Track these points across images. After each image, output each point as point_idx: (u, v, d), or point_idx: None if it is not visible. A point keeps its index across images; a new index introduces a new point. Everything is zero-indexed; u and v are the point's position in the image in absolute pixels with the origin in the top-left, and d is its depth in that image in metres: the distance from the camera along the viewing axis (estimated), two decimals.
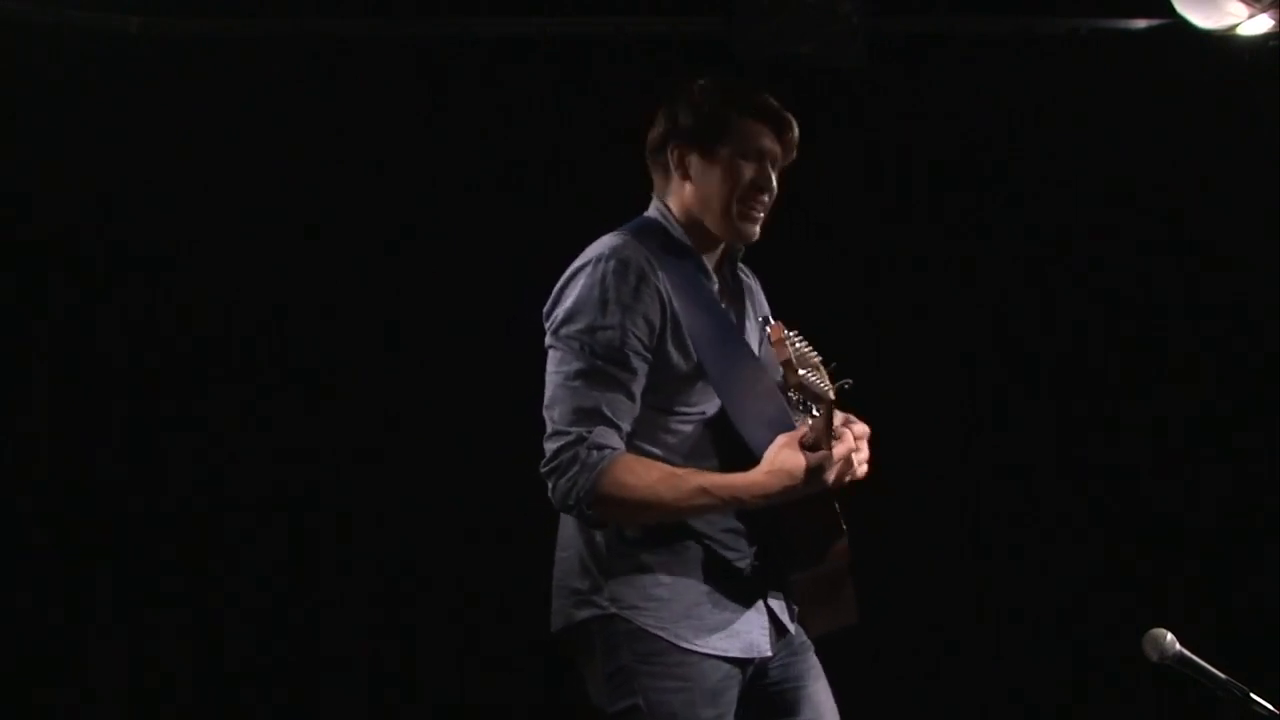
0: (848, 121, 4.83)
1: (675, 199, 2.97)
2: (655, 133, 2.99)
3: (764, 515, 2.85)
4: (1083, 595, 4.80)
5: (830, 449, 2.78)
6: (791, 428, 2.85)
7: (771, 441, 2.81)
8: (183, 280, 4.72)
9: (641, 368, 2.81)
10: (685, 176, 2.94)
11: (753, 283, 3.14)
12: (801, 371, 2.77)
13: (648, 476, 2.77)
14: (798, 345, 2.82)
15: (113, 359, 4.68)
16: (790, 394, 2.83)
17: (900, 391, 4.72)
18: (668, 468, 2.80)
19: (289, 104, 4.70)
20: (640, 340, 2.80)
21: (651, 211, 3.00)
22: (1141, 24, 4.82)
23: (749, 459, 2.81)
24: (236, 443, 4.72)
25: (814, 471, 2.77)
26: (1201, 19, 4.50)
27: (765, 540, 2.90)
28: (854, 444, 2.85)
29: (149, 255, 4.70)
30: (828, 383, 2.82)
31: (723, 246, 3.01)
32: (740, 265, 3.10)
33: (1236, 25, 4.53)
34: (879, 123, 4.87)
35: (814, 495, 2.80)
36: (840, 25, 4.68)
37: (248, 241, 4.71)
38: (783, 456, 2.77)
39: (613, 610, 2.83)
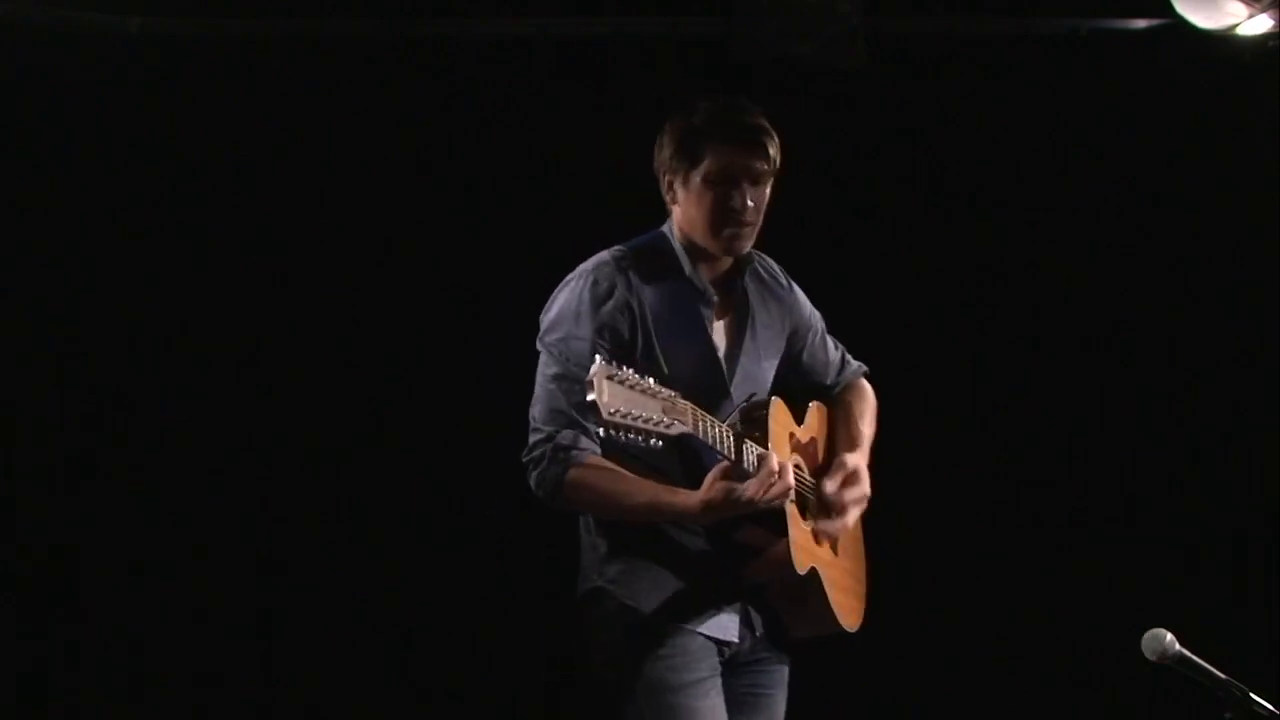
0: (847, 122, 4.83)
1: (674, 219, 3.18)
2: (654, 160, 3.18)
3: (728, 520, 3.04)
4: (1082, 595, 4.80)
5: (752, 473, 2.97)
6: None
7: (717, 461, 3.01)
8: (182, 277, 4.72)
9: None
10: (674, 201, 3.15)
11: (781, 291, 3.32)
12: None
13: (606, 484, 3.01)
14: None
15: (106, 350, 4.68)
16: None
17: (901, 391, 4.72)
18: (625, 478, 3.02)
19: (289, 104, 4.70)
20: (608, 352, 2.97)
21: (663, 227, 3.20)
22: (1141, 24, 4.83)
23: (699, 469, 3.01)
24: (235, 441, 4.73)
25: (732, 497, 2.93)
26: (1201, 19, 4.51)
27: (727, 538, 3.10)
28: (773, 470, 2.96)
29: (148, 253, 4.70)
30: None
31: (718, 255, 3.18)
32: (760, 268, 3.27)
33: (1236, 25, 4.54)
34: (879, 123, 4.87)
35: (759, 512, 2.98)
36: (840, 25, 4.68)
37: (247, 240, 4.71)
38: (707, 490, 2.96)
39: (602, 584, 3.09)
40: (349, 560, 4.71)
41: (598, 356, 2.72)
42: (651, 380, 2.76)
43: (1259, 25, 4.55)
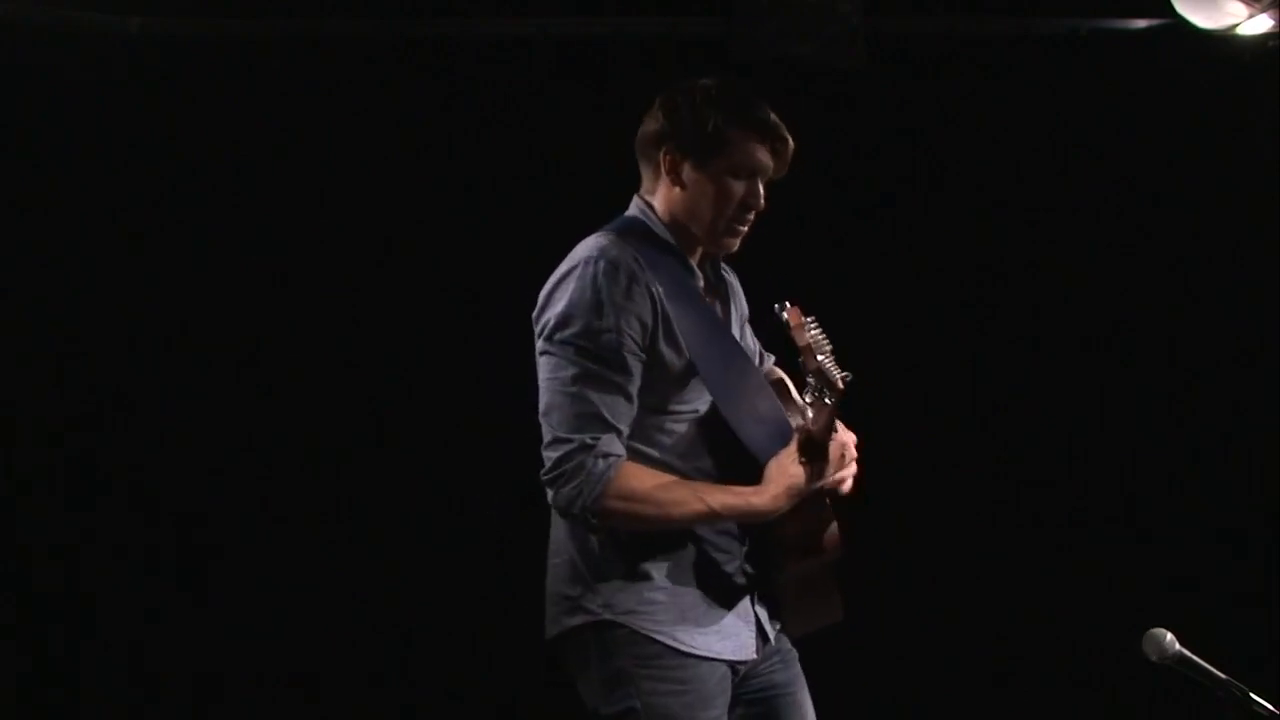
0: (847, 122, 4.83)
1: (661, 198, 2.97)
2: (649, 129, 2.98)
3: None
4: (1082, 595, 4.80)
5: (831, 440, 2.82)
6: (784, 422, 2.88)
7: (765, 436, 2.84)
8: (182, 277, 4.72)
9: (637, 368, 2.82)
10: (675, 182, 2.94)
11: (733, 280, 3.16)
12: (819, 357, 2.79)
13: (657, 491, 2.79)
14: (813, 332, 2.83)
15: (105, 350, 4.68)
16: (808, 379, 2.83)
17: (900, 392, 4.72)
18: (675, 482, 2.82)
19: (289, 104, 4.70)
20: (635, 341, 2.80)
21: (633, 210, 3.00)
22: (1141, 24, 4.83)
23: (744, 456, 2.84)
24: (235, 441, 4.72)
25: (813, 476, 2.81)
26: (1201, 19, 4.50)
27: (755, 541, 2.92)
28: (849, 436, 2.87)
29: (148, 253, 4.70)
30: (838, 371, 2.82)
31: (703, 247, 3.01)
32: (721, 264, 3.11)
33: (1236, 25, 4.54)
34: (879, 123, 4.87)
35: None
36: (840, 25, 4.68)
37: (247, 240, 4.71)
38: (786, 476, 2.80)
39: (606, 616, 2.84)
40: (349, 560, 4.71)
41: (784, 301, 2.56)
42: (817, 328, 2.65)
43: (1259, 25, 4.54)
